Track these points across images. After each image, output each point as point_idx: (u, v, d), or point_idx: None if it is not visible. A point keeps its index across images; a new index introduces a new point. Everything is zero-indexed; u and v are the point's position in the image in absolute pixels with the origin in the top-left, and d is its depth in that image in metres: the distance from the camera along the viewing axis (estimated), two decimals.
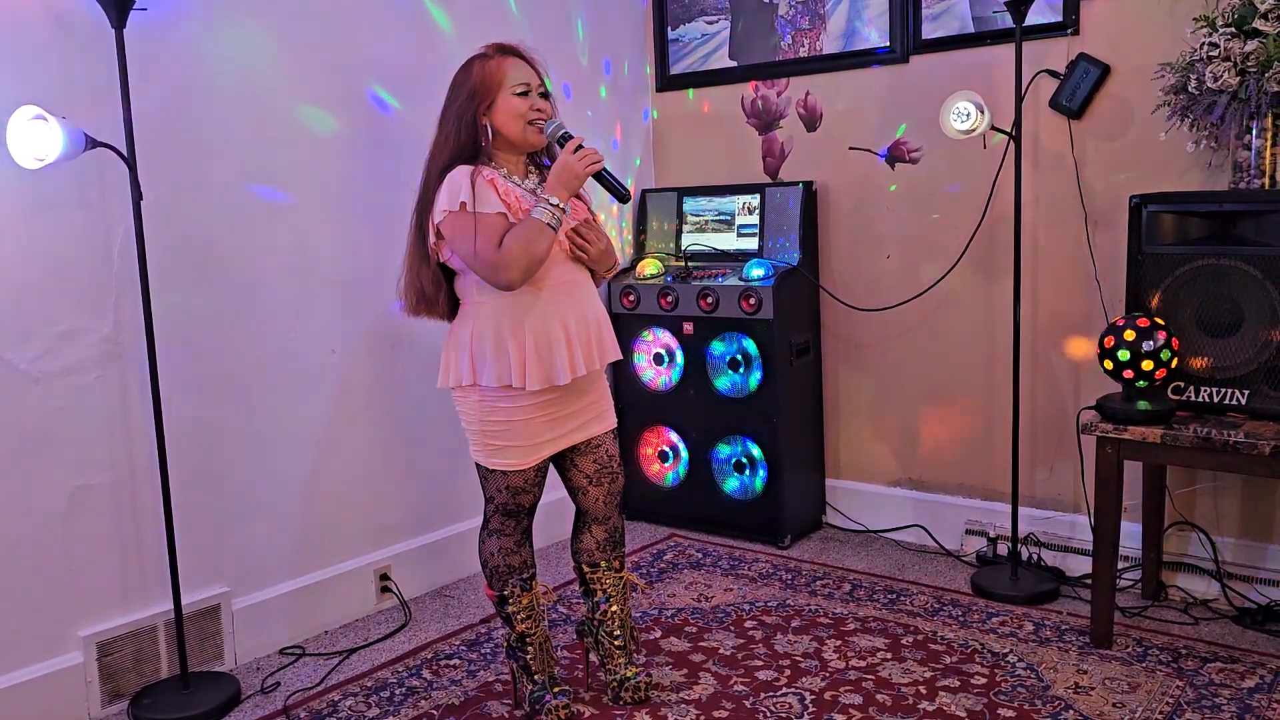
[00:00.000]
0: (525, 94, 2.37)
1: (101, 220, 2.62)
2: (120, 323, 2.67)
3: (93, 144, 2.41)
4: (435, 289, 2.42)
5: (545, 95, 2.43)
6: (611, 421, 2.58)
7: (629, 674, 2.61)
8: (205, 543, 2.85)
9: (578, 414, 2.48)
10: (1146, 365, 2.66)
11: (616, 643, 2.61)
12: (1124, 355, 2.68)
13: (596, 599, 2.61)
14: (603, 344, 2.47)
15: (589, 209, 2.54)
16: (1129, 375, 2.69)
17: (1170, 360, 2.67)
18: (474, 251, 2.29)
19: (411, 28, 3.31)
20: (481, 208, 2.30)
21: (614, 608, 2.60)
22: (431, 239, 2.38)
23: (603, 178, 2.39)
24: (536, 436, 2.41)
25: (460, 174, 2.32)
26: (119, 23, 2.45)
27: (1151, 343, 2.66)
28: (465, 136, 2.36)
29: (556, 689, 2.55)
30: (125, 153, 2.50)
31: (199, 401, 2.82)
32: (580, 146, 2.34)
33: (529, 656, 2.53)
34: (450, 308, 2.47)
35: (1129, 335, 2.68)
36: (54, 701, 2.57)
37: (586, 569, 2.62)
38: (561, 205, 2.30)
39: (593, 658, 2.73)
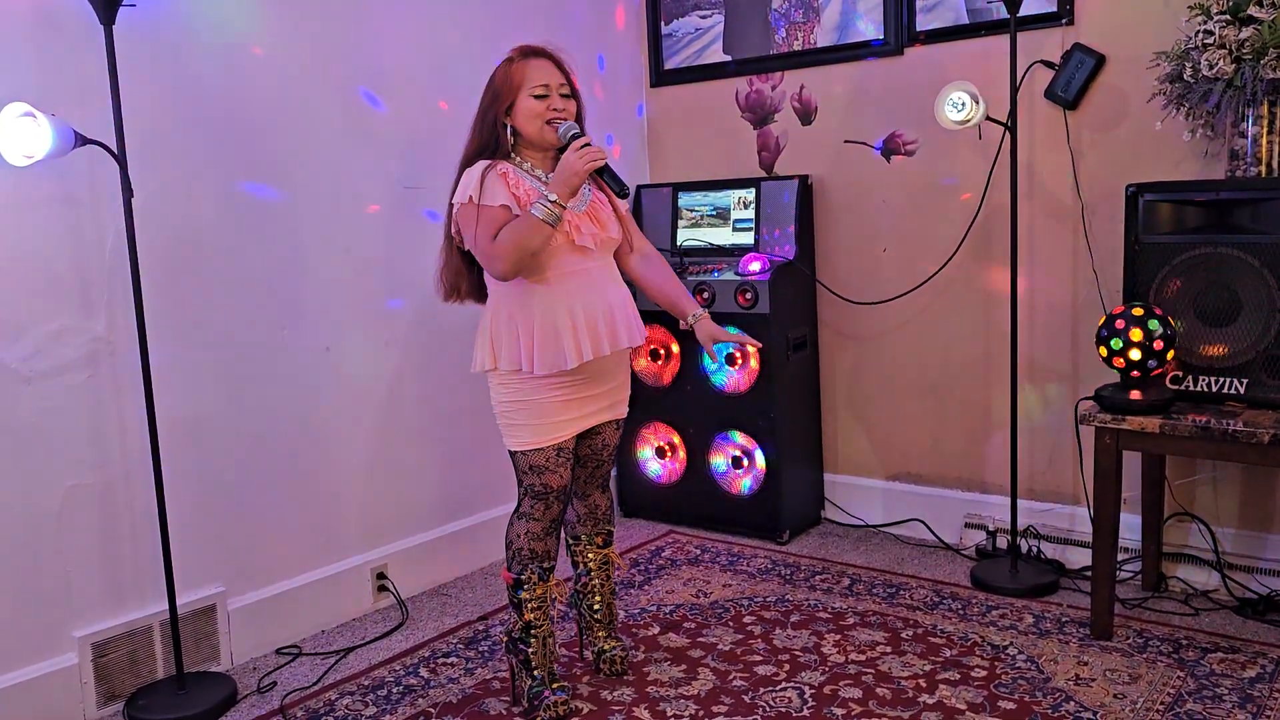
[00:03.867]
0: (544, 96, 2.45)
1: (92, 218, 2.61)
2: (112, 321, 2.65)
3: (82, 141, 2.39)
4: (458, 279, 2.55)
5: (569, 95, 2.49)
6: (621, 411, 2.64)
7: (606, 646, 2.73)
8: (200, 542, 2.83)
9: (597, 398, 2.54)
10: (1144, 355, 2.65)
11: (597, 616, 2.74)
12: (1121, 345, 2.67)
13: (578, 570, 2.73)
14: (614, 330, 2.49)
15: (610, 200, 2.56)
16: (1127, 365, 2.68)
17: (1168, 350, 2.66)
18: (474, 241, 2.39)
19: (404, 25, 3.29)
20: (485, 200, 2.38)
21: (595, 581, 2.73)
22: (453, 228, 2.50)
23: (602, 174, 2.44)
24: (552, 416, 2.47)
25: (476, 170, 2.42)
26: (108, 19, 2.44)
27: (1150, 332, 2.65)
28: (488, 135, 2.48)
29: (556, 685, 2.56)
30: (115, 150, 2.49)
31: (192, 400, 2.81)
32: (587, 145, 2.39)
33: (531, 650, 2.54)
34: (479, 295, 2.58)
35: (1127, 325, 2.67)
36: (49, 703, 2.55)
37: (570, 541, 2.76)
38: (560, 201, 2.35)
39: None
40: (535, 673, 2.55)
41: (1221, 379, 2.72)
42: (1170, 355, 2.68)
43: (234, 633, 2.91)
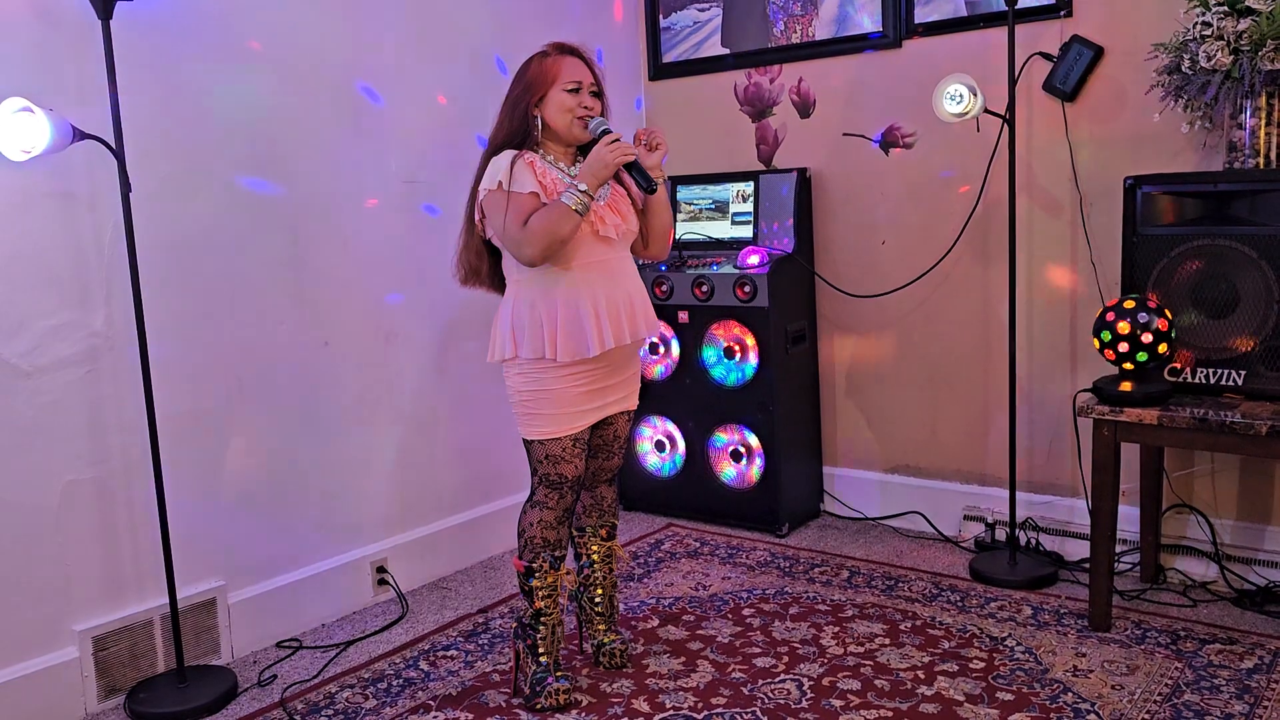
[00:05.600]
0: (575, 91, 2.49)
1: (91, 213, 2.61)
2: (111, 316, 2.65)
3: (80, 136, 2.40)
4: (479, 262, 2.58)
5: (597, 94, 2.53)
6: (633, 403, 2.68)
7: (606, 640, 2.75)
8: (200, 536, 2.84)
9: (614, 388, 2.58)
10: (1142, 347, 2.65)
11: (598, 608, 2.76)
12: (1119, 337, 2.67)
13: (581, 562, 2.74)
14: (634, 320, 2.53)
15: (630, 194, 2.61)
16: (1125, 357, 2.68)
17: (1166, 342, 2.66)
18: (503, 227, 2.42)
19: (402, 19, 3.29)
20: (515, 187, 2.42)
21: (598, 574, 2.74)
22: (477, 216, 2.52)
23: (632, 170, 2.48)
24: (571, 406, 2.50)
25: (504, 157, 2.46)
26: (105, 14, 2.43)
27: (1147, 324, 2.65)
28: (517, 125, 2.51)
29: (559, 673, 2.58)
30: (114, 145, 2.49)
31: (191, 394, 2.81)
32: (618, 140, 2.43)
33: (540, 636, 2.57)
34: (497, 282, 2.60)
35: (1124, 317, 2.67)
36: (50, 696, 2.56)
37: (575, 533, 2.76)
38: (590, 192, 2.39)
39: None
40: (541, 659, 2.58)
41: (1219, 370, 2.72)
42: (1167, 347, 2.67)
43: (234, 626, 2.92)
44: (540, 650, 2.58)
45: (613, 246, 2.52)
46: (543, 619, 2.57)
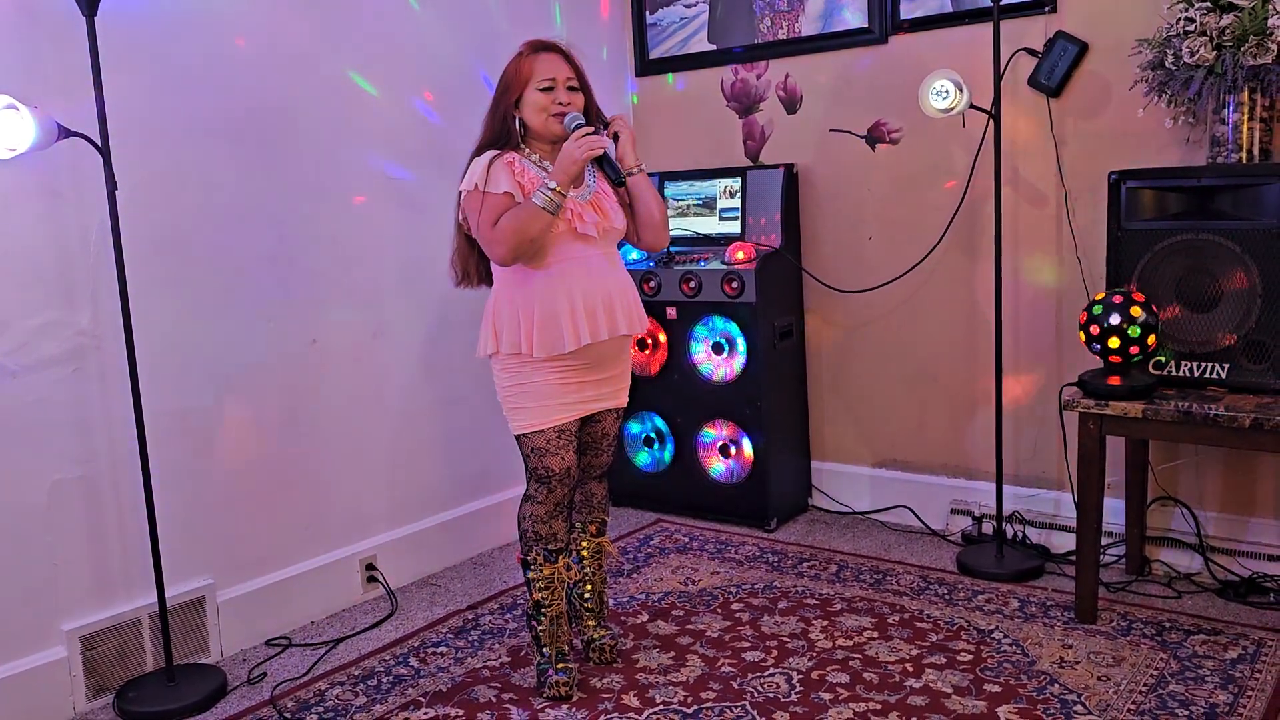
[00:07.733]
0: (549, 89, 2.50)
1: (76, 211, 2.60)
2: (97, 315, 2.64)
3: (66, 133, 2.39)
4: (468, 263, 2.63)
5: (576, 89, 2.53)
6: (622, 401, 2.69)
7: (596, 635, 2.77)
8: (188, 534, 2.83)
9: (599, 384, 2.58)
10: (1127, 341, 2.67)
11: (587, 604, 2.79)
12: (1105, 331, 2.69)
13: (570, 558, 2.74)
14: (613, 316, 2.53)
15: (612, 187, 2.60)
16: (1110, 351, 2.70)
17: (1150, 335, 2.68)
18: (477, 227, 2.46)
19: (388, 17, 3.28)
20: (490, 188, 2.45)
21: (587, 570, 2.77)
22: (460, 218, 2.57)
23: (600, 163, 2.49)
24: (552, 398, 2.52)
25: (482, 159, 2.49)
26: (90, 10, 2.42)
27: (1132, 318, 2.67)
28: (499, 126, 2.55)
29: (561, 665, 2.60)
30: (99, 142, 2.48)
31: (179, 393, 2.80)
32: (589, 135, 2.44)
33: (540, 628, 2.61)
34: (489, 281, 2.63)
35: (1109, 311, 2.69)
36: (38, 696, 2.55)
37: None
38: (560, 189, 2.40)
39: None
40: (544, 650, 2.61)
41: (1203, 364, 2.74)
42: (1152, 341, 2.70)
43: (223, 624, 2.91)
44: (543, 641, 2.61)
45: (593, 244, 2.52)
46: (542, 610, 2.60)
